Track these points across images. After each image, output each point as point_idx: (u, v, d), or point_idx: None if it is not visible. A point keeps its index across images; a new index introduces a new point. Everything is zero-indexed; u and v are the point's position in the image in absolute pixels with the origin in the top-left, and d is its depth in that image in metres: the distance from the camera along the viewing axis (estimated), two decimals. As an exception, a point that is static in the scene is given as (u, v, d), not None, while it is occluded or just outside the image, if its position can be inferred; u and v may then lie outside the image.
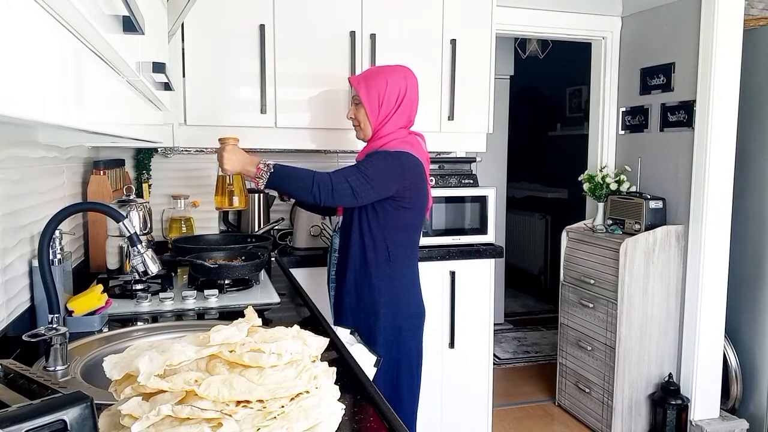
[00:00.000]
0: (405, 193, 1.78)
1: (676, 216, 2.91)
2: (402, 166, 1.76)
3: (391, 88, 1.83)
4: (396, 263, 1.83)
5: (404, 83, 1.84)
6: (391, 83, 1.83)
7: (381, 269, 1.82)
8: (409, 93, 1.85)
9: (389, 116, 1.84)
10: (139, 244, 1.32)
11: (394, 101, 1.84)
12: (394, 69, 1.88)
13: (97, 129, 0.74)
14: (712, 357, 2.85)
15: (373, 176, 1.72)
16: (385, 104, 1.83)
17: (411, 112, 1.88)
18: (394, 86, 1.83)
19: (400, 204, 1.79)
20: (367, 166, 1.74)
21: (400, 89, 1.84)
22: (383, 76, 1.84)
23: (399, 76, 1.85)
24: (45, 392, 0.69)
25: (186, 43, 2.34)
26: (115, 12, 0.70)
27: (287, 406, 0.75)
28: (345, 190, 1.70)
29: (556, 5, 3.13)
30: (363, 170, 1.72)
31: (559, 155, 5.70)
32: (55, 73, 0.55)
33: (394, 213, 1.80)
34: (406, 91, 1.84)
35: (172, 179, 2.72)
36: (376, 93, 1.83)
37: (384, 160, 1.75)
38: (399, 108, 1.84)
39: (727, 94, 2.71)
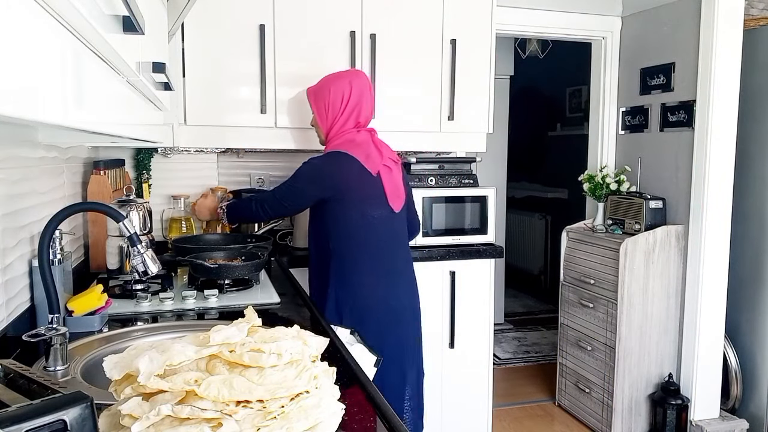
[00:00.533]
0: (335, 193, 1.93)
1: (676, 216, 2.91)
2: (322, 171, 1.94)
3: (334, 94, 1.99)
4: (342, 258, 1.95)
5: (348, 87, 1.99)
6: (334, 90, 1.99)
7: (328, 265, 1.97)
8: (354, 96, 1.99)
9: (336, 120, 2.01)
10: (139, 244, 1.32)
11: (339, 105, 1.99)
12: (339, 76, 2.05)
13: (97, 129, 0.74)
14: (712, 357, 2.85)
15: (284, 194, 2.00)
16: (330, 110, 2.01)
17: (360, 113, 2.01)
18: (337, 92, 1.99)
19: (333, 202, 1.95)
20: (283, 186, 2.02)
21: (344, 94, 1.99)
22: (328, 84, 2.03)
23: (343, 82, 2.00)
24: (45, 392, 0.69)
25: (186, 43, 2.34)
26: (115, 12, 0.70)
27: (287, 406, 0.75)
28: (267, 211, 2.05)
29: (556, 5, 3.13)
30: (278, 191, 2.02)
31: (559, 155, 5.70)
32: (55, 73, 0.55)
33: (329, 211, 1.96)
34: (350, 94, 1.99)
35: (172, 179, 2.72)
36: (322, 101, 2.02)
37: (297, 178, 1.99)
38: (344, 111, 1.99)
39: (727, 94, 2.72)
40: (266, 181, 2.86)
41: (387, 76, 2.58)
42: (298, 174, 1.98)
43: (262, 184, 2.84)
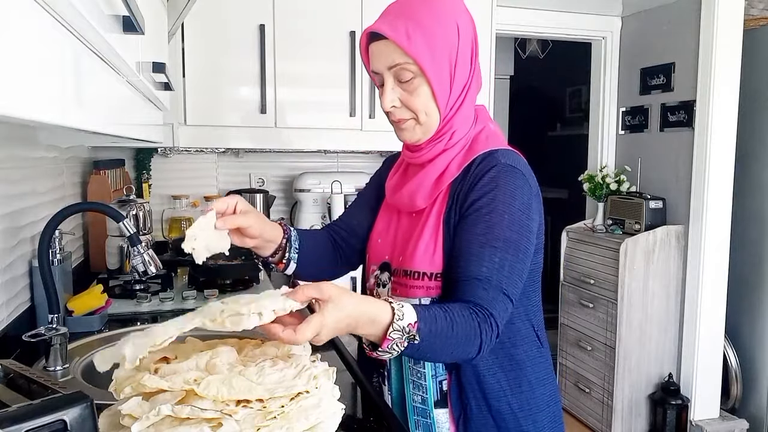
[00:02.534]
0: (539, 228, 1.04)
1: (676, 216, 2.91)
2: (531, 188, 1.02)
3: (464, 36, 1.00)
4: (545, 344, 1.12)
5: (472, 22, 1.04)
6: (463, 27, 1.00)
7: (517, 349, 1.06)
8: (476, 35, 1.06)
9: (465, 90, 1.04)
10: (139, 244, 1.32)
11: (470, 60, 1.03)
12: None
13: (97, 129, 0.74)
14: (712, 357, 2.85)
15: (519, 242, 0.96)
16: (460, 70, 1.01)
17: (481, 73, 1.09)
18: (467, 32, 1.01)
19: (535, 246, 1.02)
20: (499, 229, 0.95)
21: (473, 35, 1.04)
22: (448, 15, 0.98)
23: (465, 11, 1.03)
24: (45, 392, 0.69)
25: (186, 43, 2.33)
26: (115, 12, 0.70)
27: (287, 406, 0.75)
28: (507, 313, 0.95)
29: (556, 5, 3.13)
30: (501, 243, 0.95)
31: (559, 155, 5.69)
32: (55, 73, 0.55)
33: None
34: (476, 38, 1.05)
35: (172, 179, 2.72)
36: (446, 52, 0.98)
37: (515, 199, 0.98)
38: (476, 70, 1.06)
39: (727, 94, 2.71)
40: (266, 181, 2.86)
41: (387, 76, 2.57)
42: (507, 202, 0.97)
43: (262, 184, 2.84)
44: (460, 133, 1.03)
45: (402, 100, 1.01)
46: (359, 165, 3.00)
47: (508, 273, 0.94)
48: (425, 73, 0.97)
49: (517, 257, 0.95)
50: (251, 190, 2.69)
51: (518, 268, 0.95)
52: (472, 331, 0.89)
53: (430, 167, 1.03)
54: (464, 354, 0.91)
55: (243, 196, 2.64)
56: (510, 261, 0.94)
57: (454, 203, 1.01)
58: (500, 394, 1.02)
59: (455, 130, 1.03)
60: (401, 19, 0.96)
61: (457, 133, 1.03)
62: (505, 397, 1.03)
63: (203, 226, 0.98)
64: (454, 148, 1.03)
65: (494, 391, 1.02)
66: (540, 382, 1.06)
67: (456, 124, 1.03)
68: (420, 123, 1.02)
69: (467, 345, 0.90)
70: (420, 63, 0.95)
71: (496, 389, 1.02)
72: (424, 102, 1.00)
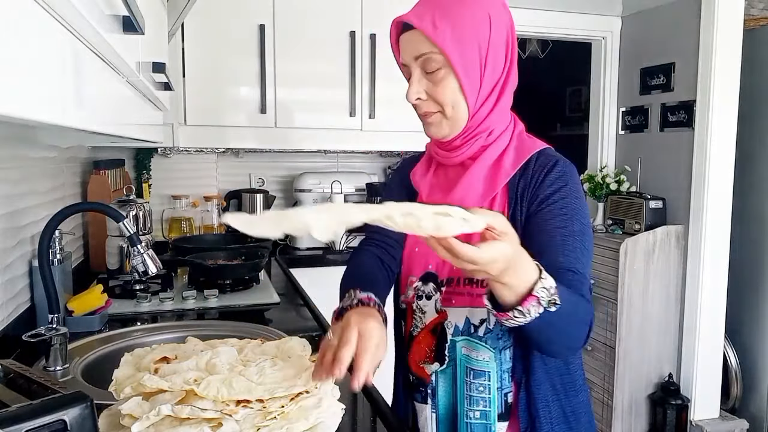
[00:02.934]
0: None
1: (676, 216, 2.91)
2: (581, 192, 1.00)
3: (497, 29, 0.97)
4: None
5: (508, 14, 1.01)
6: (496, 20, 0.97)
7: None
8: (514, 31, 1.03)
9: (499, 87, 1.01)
10: (139, 244, 1.32)
11: (503, 56, 1.00)
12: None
13: (97, 129, 0.74)
14: (712, 357, 2.85)
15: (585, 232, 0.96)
16: (491, 64, 0.97)
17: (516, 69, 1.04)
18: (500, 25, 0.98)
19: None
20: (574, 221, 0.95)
21: (509, 30, 1.01)
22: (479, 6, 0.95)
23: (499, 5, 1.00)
24: (45, 392, 0.69)
25: (186, 43, 2.34)
26: (115, 12, 0.70)
27: (287, 406, 0.75)
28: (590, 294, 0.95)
29: (556, 5, 3.13)
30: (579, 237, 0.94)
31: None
32: (55, 73, 0.55)
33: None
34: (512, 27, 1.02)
35: (172, 179, 2.72)
36: (476, 43, 0.95)
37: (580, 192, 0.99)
38: (512, 68, 1.03)
39: (727, 94, 2.71)
40: (266, 181, 2.86)
41: (387, 76, 2.58)
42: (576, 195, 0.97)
43: (262, 184, 2.84)
44: (499, 130, 1.00)
45: (428, 92, 0.97)
46: (359, 165, 3.01)
47: (586, 262, 0.93)
48: (452, 63, 0.93)
49: (585, 246, 0.94)
50: (251, 190, 2.69)
51: (587, 255, 0.95)
52: (586, 313, 0.88)
53: (476, 167, 0.99)
54: (577, 339, 0.88)
55: (243, 196, 2.65)
56: (588, 252, 0.94)
57: (519, 201, 0.98)
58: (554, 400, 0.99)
59: (493, 129, 0.99)
60: (429, 8, 0.93)
61: (495, 131, 1.00)
62: (559, 402, 1.00)
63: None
64: (497, 145, 0.99)
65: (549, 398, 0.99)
66: (582, 387, 1.05)
67: (493, 122, 0.99)
68: (447, 117, 0.98)
69: (582, 328, 0.87)
70: (446, 52, 0.92)
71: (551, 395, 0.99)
72: (451, 94, 0.95)
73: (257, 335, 1.36)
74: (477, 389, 0.99)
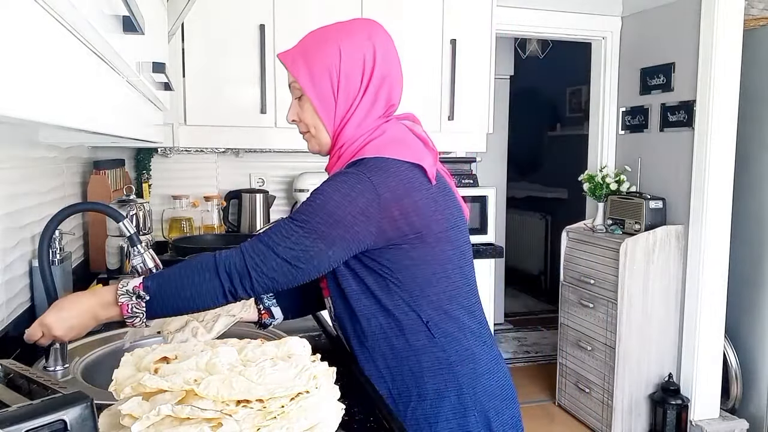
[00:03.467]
0: (405, 226, 1.06)
1: (676, 216, 2.91)
2: (375, 187, 1.03)
3: (348, 58, 1.11)
4: (443, 334, 1.11)
5: (369, 45, 1.13)
6: (347, 50, 1.11)
7: (422, 353, 1.11)
8: (380, 61, 1.13)
9: (353, 107, 1.13)
10: (139, 244, 1.31)
11: (359, 80, 1.12)
12: (347, 26, 1.17)
13: (97, 129, 0.74)
14: (712, 357, 2.85)
15: (318, 223, 1.02)
16: (343, 89, 1.12)
17: (391, 89, 1.16)
18: (353, 54, 1.11)
19: (406, 245, 1.08)
20: (304, 210, 1.05)
21: (365, 57, 1.12)
22: (332, 41, 1.12)
23: (359, 36, 1.13)
24: (45, 392, 0.69)
25: (186, 43, 2.34)
26: (115, 12, 0.70)
27: (287, 406, 0.75)
28: (272, 265, 1.02)
29: (556, 5, 3.13)
30: (298, 219, 1.04)
31: (559, 155, 5.70)
32: (55, 73, 0.55)
33: (404, 261, 1.08)
34: (374, 58, 1.13)
35: (172, 179, 2.72)
36: (327, 73, 1.11)
37: (337, 190, 1.04)
38: (367, 89, 1.13)
39: (727, 94, 2.71)
40: (266, 181, 2.86)
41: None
42: (330, 193, 1.05)
43: (262, 184, 2.84)
44: (346, 146, 1.14)
45: (298, 115, 1.18)
46: (359, 165, 3.00)
47: (290, 242, 1.02)
48: (305, 92, 1.13)
49: (309, 236, 1.02)
50: (251, 190, 2.69)
51: (305, 243, 1.02)
52: (208, 269, 1.01)
53: (329, 177, 1.13)
54: (212, 289, 1.02)
55: (243, 196, 2.65)
56: (298, 235, 1.02)
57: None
58: (380, 381, 1.11)
59: (344, 143, 1.14)
60: (296, 46, 1.17)
61: (344, 146, 1.14)
62: (385, 383, 1.11)
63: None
64: (343, 158, 1.14)
65: (374, 377, 1.12)
66: (429, 371, 1.10)
67: (344, 137, 1.14)
68: (313, 136, 1.18)
69: (207, 281, 1.01)
70: (300, 82, 1.13)
71: (376, 376, 1.12)
72: (311, 117, 1.15)
73: (257, 335, 1.36)
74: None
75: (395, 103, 1.18)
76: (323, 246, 1.02)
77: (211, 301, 1.04)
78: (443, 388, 1.09)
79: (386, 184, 1.04)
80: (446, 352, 1.10)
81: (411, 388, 1.09)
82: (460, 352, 1.11)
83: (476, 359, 1.13)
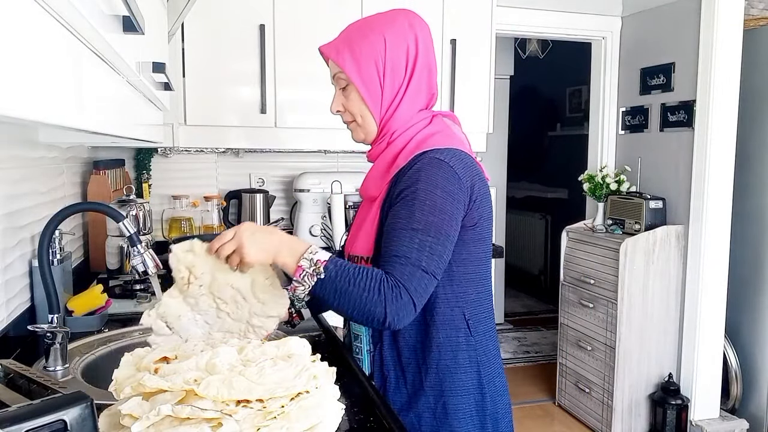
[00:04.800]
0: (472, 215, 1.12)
1: (676, 216, 2.91)
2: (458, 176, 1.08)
3: (393, 46, 1.14)
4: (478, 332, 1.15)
5: (412, 34, 1.16)
6: (391, 39, 1.14)
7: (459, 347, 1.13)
8: (422, 49, 1.16)
9: (400, 95, 1.16)
10: (139, 244, 1.32)
11: (404, 68, 1.15)
12: (389, 16, 1.18)
13: (97, 129, 0.74)
14: (712, 357, 2.85)
15: (437, 223, 1.04)
16: (389, 76, 1.14)
17: (431, 78, 1.19)
18: (397, 43, 1.14)
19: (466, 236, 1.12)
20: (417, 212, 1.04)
21: (409, 45, 1.15)
22: (377, 30, 1.14)
23: (401, 25, 1.16)
24: (45, 392, 0.69)
25: (186, 43, 2.34)
26: (115, 12, 0.70)
27: (287, 406, 0.75)
28: (426, 283, 1.03)
29: (556, 5, 3.13)
30: (418, 226, 1.03)
31: (559, 155, 5.70)
32: (55, 73, 0.55)
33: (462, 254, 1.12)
34: (417, 46, 1.16)
35: (172, 179, 2.72)
36: (372, 61, 1.13)
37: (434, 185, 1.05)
38: (413, 77, 1.16)
39: (727, 94, 2.71)
40: (266, 181, 2.86)
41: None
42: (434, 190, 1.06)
43: (262, 184, 2.84)
44: (398, 132, 1.15)
45: (344, 105, 1.18)
46: (359, 165, 3.00)
47: (428, 252, 1.02)
48: (352, 80, 1.14)
49: (438, 239, 1.03)
50: (251, 190, 2.69)
51: (439, 249, 1.04)
52: (375, 291, 0.99)
53: (378, 161, 1.18)
54: (369, 312, 1.00)
55: (243, 196, 2.65)
56: (430, 242, 1.03)
57: (389, 196, 1.11)
58: (416, 371, 1.12)
59: (394, 131, 1.15)
60: (338, 38, 1.18)
61: (395, 133, 1.15)
62: (419, 375, 1.11)
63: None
64: (395, 145, 1.15)
65: (410, 366, 1.12)
66: (461, 368, 1.12)
67: (393, 125, 1.15)
68: (359, 125, 1.19)
69: (370, 302, 0.99)
70: (346, 71, 1.14)
71: (413, 366, 1.12)
72: (358, 106, 1.17)
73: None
74: (355, 350, 1.21)
75: (435, 92, 1.21)
76: (448, 244, 1.06)
77: (366, 321, 1.03)
78: (470, 385, 1.12)
79: (463, 173, 1.09)
80: (477, 351, 1.14)
81: (444, 382, 1.11)
82: (487, 352, 1.16)
83: (496, 360, 1.19)
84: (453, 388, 1.11)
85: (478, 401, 1.12)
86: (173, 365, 0.81)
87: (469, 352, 1.13)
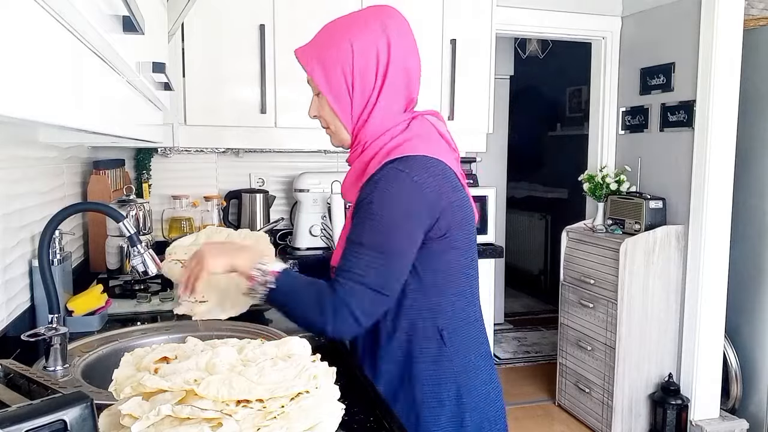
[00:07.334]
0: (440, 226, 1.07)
1: (676, 216, 2.91)
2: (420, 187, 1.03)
3: (361, 53, 1.07)
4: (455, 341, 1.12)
5: (383, 37, 1.08)
6: (359, 46, 1.07)
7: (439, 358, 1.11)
8: (395, 52, 1.09)
9: (371, 103, 1.10)
10: (139, 244, 1.31)
11: (374, 75, 1.09)
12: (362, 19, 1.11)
13: (97, 129, 0.74)
14: (712, 357, 2.85)
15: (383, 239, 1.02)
16: (358, 86, 1.09)
17: (409, 81, 1.14)
18: (366, 48, 1.08)
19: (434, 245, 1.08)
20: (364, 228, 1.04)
21: (379, 50, 1.08)
22: (345, 36, 1.08)
23: (372, 29, 1.09)
24: (45, 392, 0.69)
25: (186, 43, 2.34)
26: (115, 12, 0.70)
27: (287, 406, 0.75)
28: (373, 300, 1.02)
29: (556, 5, 3.13)
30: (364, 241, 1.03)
31: (559, 155, 5.70)
32: (55, 73, 0.55)
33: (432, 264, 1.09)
34: (389, 50, 1.09)
35: (172, 179, 2.72)
36: (340, 70, 1.08)
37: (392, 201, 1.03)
38: (385, 83, 1.09)
39: (727, 94, 2.71)
40: (266, 181, 2.86)
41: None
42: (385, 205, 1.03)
43: (262, 184, 2.84)
44: (371, 140, 1.11)
45: (319, 111, 1.17)
46: (359, 165, 3.00)
47: (375, 270, 1.02)
48: (321, 91, 1.12)
49: (387, 256, 1.02)
50: (251, 190, 2.69)
51: (388, 266, 1.03)
52: (320, 305, 1.02)
53: (354, 166, 1.15)
54: (312, 324, 1.06)
55: (243, 196, 2.65)
56: (378, 259, 1.02)
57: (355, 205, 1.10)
58: (390, 384, 1.11)
59: (366, 140, 1.12)
60: (309, 43, 1.15)
61: (367, 142, 1.12)
62: (393, 387, 1.11)
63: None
64: (367, 153, 1.11)
65: (386, 380, 1.12)
66: (435, 379, 1.10)
67: (366, 134, 1.11)
68: (333, 132, 1.17)
69: (313, 316, 1.03)
70: (315, 81, 1.12)
71: (387, 378, 1.12)
72: (330, 115, 1.14)
73: (257, 335, 1.36)
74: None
75: (414, 96, 1.17)
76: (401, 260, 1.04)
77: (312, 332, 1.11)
78: (445, 397, 1.10)
79: (428, 183, 1.04)
80: (453, 362, 1.11)
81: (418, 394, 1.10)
82: (466, 364, 1.12)
83: (480, 370, 1.15)
84: (426, 399, 1.09)
85: (455, 413, 1.10)
86: (173, 365, 0.81)
87: (445, 363, 1.10)
